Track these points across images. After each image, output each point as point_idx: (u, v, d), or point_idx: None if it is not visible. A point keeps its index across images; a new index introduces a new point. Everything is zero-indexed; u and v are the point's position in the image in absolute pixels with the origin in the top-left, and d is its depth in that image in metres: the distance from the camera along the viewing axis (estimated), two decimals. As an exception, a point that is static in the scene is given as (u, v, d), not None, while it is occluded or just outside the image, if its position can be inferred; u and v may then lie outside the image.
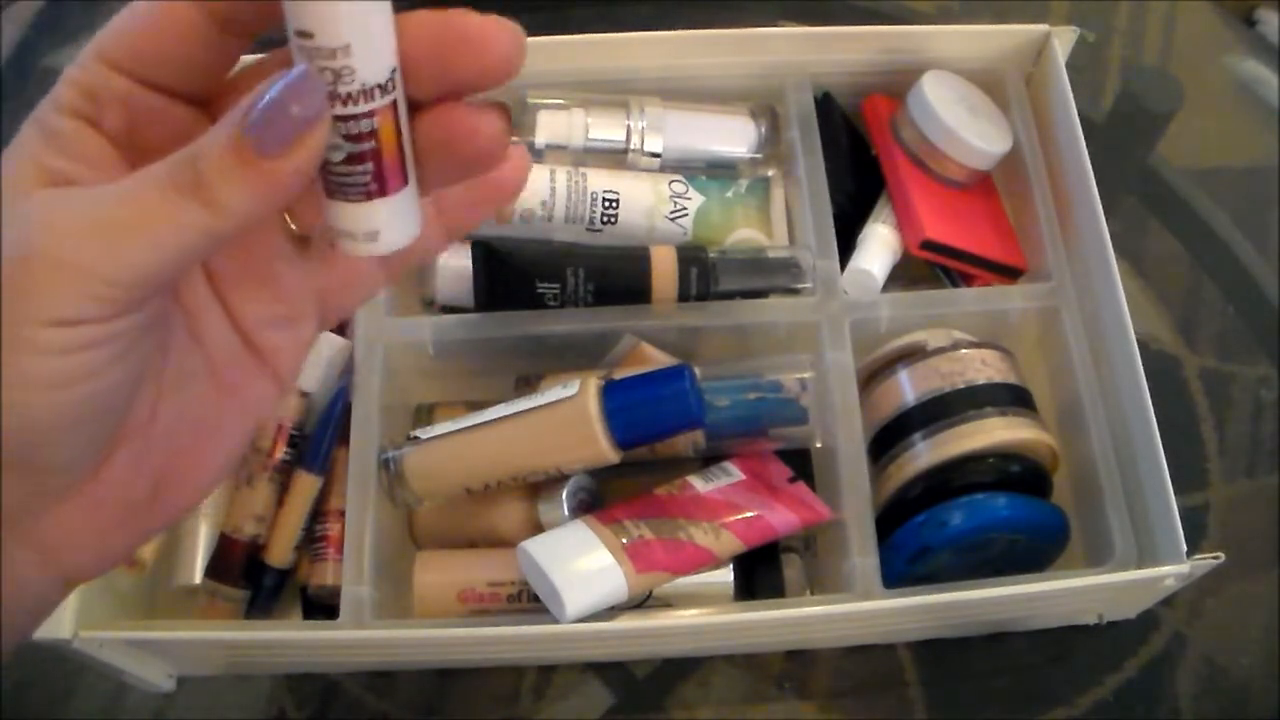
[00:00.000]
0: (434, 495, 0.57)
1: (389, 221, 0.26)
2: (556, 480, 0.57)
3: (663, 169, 0.65)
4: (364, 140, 0.25)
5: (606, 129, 0.64)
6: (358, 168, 0.25)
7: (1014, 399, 0.59)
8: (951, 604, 0.54)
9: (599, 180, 0.63)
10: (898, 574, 0.56)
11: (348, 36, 0.24)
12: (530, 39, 0.25)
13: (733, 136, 0.66)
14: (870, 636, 0.61)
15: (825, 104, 0.68)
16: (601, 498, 0.59)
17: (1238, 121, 0.81)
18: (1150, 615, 0.61)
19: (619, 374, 0.56)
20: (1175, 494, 0.54)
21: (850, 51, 0.68)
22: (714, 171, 0.66)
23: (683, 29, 0.66)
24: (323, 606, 0.59)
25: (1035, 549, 0.58)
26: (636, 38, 0.66)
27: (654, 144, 0.65)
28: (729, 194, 0.66)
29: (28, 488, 0.25)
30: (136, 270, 0.23)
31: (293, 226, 0.28)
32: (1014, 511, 0.56)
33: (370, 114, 0.25)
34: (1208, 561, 0.53)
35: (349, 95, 0.24)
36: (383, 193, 0.26)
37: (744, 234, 0.65)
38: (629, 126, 0.65)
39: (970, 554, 0.57)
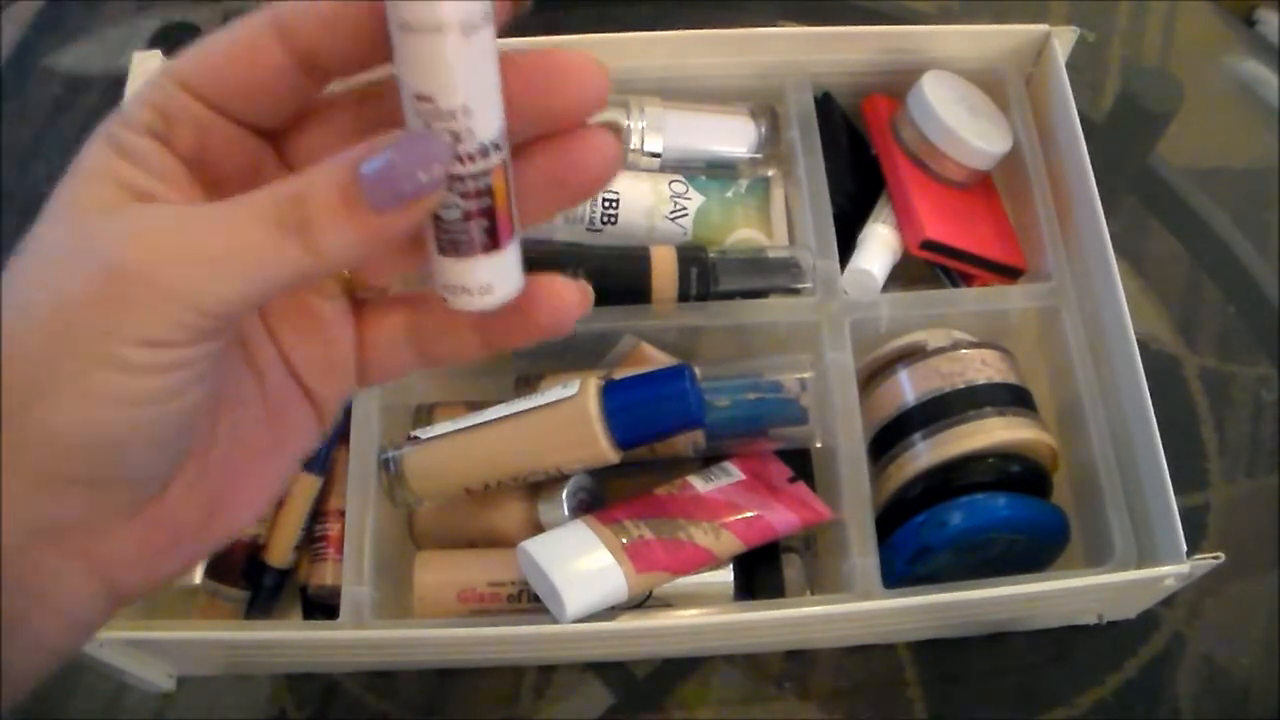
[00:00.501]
0: (434, 495, 0.57)
1: (500, 276, 0.27)
2: (556, 480, 0.57)
3: (663, 169, 0.65)
4: (478, 197, 0.26)
5: (606, 129, 0.64)
6: (473, 224, 0.26)
7: (1014, 399, 0.59)
8: (951, 604, 0.54)
9: (599, 180, 0.63)
10: (898, 574, 0.56)
11: (466, 99, 0.24)
12: (530, 39, 0.25)
13: (733, 136, 0.66)
14: (870, 636, 0.61)
15: (825, 104, 0.68)
16: (601, 498, 0.59)
17: (1238, 121, 0.81)
18: (1150, 615, 0.61)
19: (619, 374, 0.56)
20: (1175, 494, 0.54)
21: (850, 51, 0.68)
22: (714, 171, 0.66)
23: (683, 29, 0.67)
24: (323, 606, 0.59)
25: (1035, 549, 0.58)
26: (636, 38, 0.66)
27: (654, 144, 0.65)
28: (729, 194, 0.66)
29: (98, 503, 0.25)
30: (228, 300, 0.24)
31: (347, 274, 0.29)
32: (1014, 511, 0.56)
33: (486, 172, 0.25)
34: (1208, 561, 0.53)
35: (467, 155, 0.25)
36: (496, 246, 0.26)
37: (744, 234, 0.65)
38: (629, 126, 0.65)
39: (970, 554, 0.57)
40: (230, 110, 0.26)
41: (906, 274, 0.66)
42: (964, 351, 0.60)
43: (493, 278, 0.27)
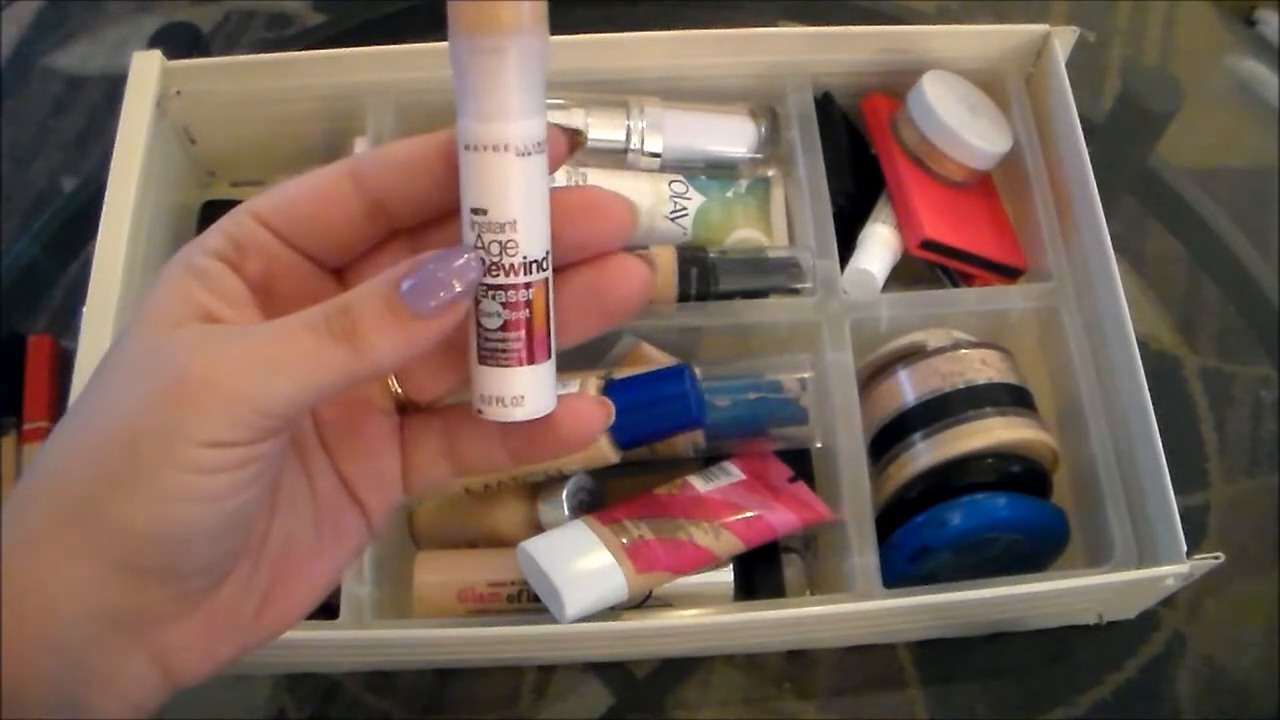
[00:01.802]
0: (434, 495, 0.57)
1: (533, 390, 0.29)
2: (556, 480, 0.57)
3: (663, 169, 0.65)
4: (519, 309, 0.28)
5: (606, 129, 0.64)
6: (511, 335, 0.28)
7: (1014, 399, 0.59)
8: (951, 604, 0.54)
9: (599, 180, 0.63)
10: (898, 574, 0.56)
11: (516, 213, 0.27)
12: None
13: (733, 136, 0.66)
14: (870, 636, 0.61)
15: (825, 104, 0.68)
16: (601, 498, 0.59)
17: (1238, 121, 0.81)
18: (1150, 615, 0.61)
19: (619, 374, 0.56)
20: (1175, 494, 0.54)
21: (850, 51, 0.68)
22: (714, 171, 0.66)
23: (683, 29, 0.66)
24: (323, 606, 0.59)
25: (1035, 549, 0.59)
26: (636, 38, 0.66)
27: (654, 144, 0.65)
28: (729, 194, 0.66)
29: (163, 593, 0.27)
30: (283, 401, 0.26)
31: (397, 390, 0.32)
32: (1014, 511, 0.56)
33: (528, 285, 0.28)
34: (1208, 561, 0.53)
35: (511, 266, 0.28)
36: (531, 360, 0.29)
37: (744, 234, 0.65)
38: (629, 126, 0.65)
39: (970, 554, 0.57)
40: (300, 244, 0.29)
41: (906, 274, 0.66)
42: (964, 351, 0.60)
43: (526, 391, 0.29)
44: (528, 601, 0.55)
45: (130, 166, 0.60)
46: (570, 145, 0.29)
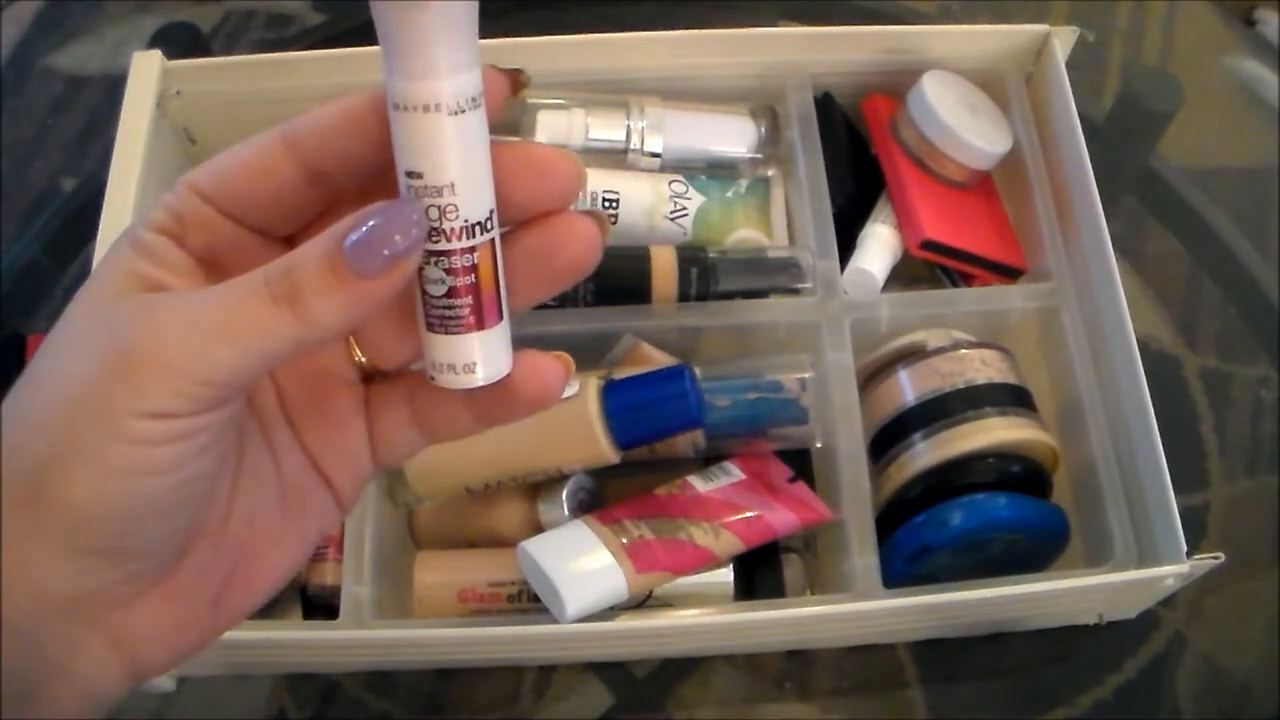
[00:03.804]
0: (434, 495, 0.57)
1: (485, 355, 0.28)
2: (556, 480, 0.57)
3: (663, 169, 0.65)
4: (464, 274, 0.27)
5: (606, 129, 0.64)
6: (458, 301, 0.27)
7: (1014, 399, 0.59)
8: (951, 604, 0.54)
9: (599, 180, 0.63)
10: (898, 574, 0.56)
11: (453, 176, 0.26)
12: (530, 39, 0.26)
13: (733, 136, 0.66)
14: (870, 636, 0.61)
15: (825, 104, 0.68)
16: (601, 498, 0.59)
17: (1238, 121, 0.81)
18: (1150, 615, 0.61)
19: (619, 374, 0.56)
20: (1175, 494, 0.54)
21: (850, 51, 0.68)
22: (714, 171, 0.66)
23: (683, 29, 0.66)
24: (323, 606, 0.59)
25: (1035, 549, 0.59)
26: (636, 38, 0.66)
27: (654, 144, 0.65)
28: (729, 194, 0.66)
29: (115, 574, 0.27)
30: (226, 370, 0.25)
31: (360, 358, 0.30)
32: (1014, 511, 0.56)
33: (472, 249, 0.27)
34: (1208, 561, 0.53)
35: (452, 231, 0.26)
36: (480, 326, 0.27)
37: (744, 234, 0.65)
38: (629, 126, 0.65)
39: (970, 554, 0.57)
40: (241, 217, 0.28)
41: (906, 274, 0.66)
42: (964, 351, 0.60)
43: (478, 356, 0.28)
44: (528, 601, 0.55)
45: (130, 166, 0.60)
46: (513, 86, 0.28)
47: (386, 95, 0.26)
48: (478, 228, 0.27)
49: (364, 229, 0.25)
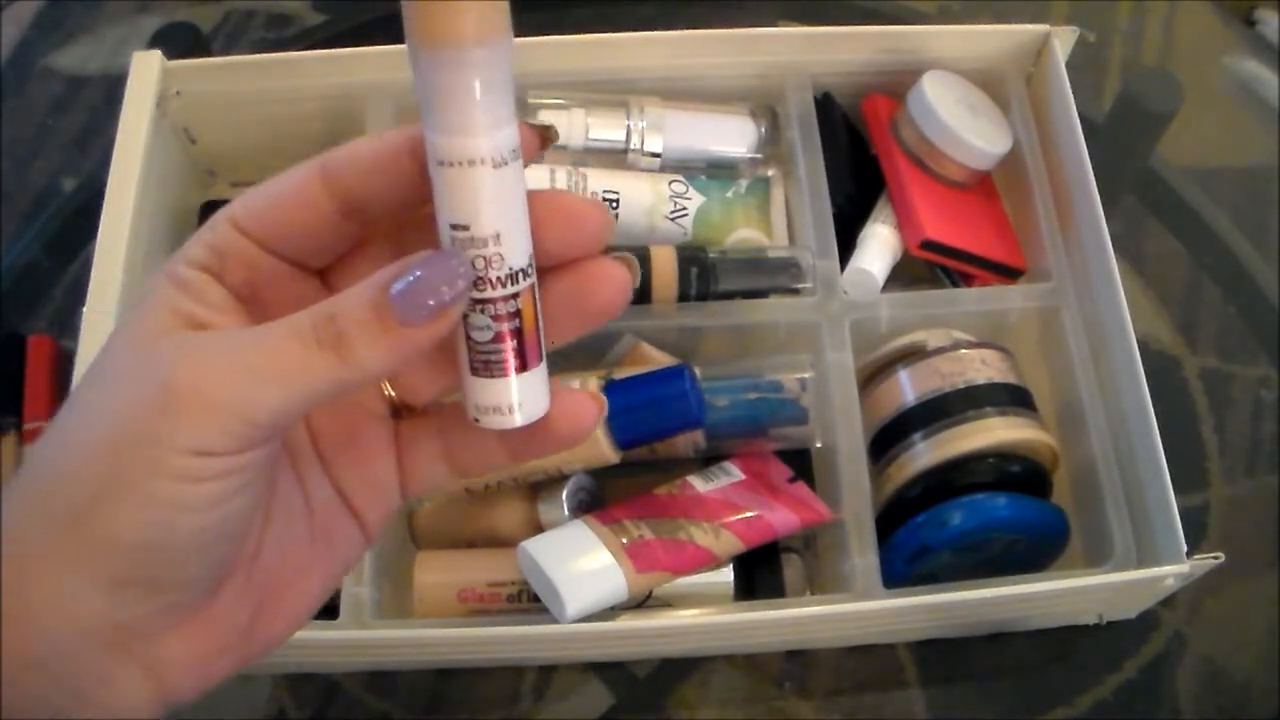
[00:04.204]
0: (434, 495, 0.57)
1: (526, 396, 0.29)
2: (556, 480, 0.57)
3: (663, 169, 0.65)
4: (508, 320, 0.28)
5: (606, 129, 0.64)
6: (502, 346, 0.28)
7: (1014, 399, 0.59)
8: (951, 604, 0.54)
9: (599, 180, 0.63)
10: (898, 574, 0.56)
11: (498, 227, 0.27)
12: (530, 39, 0.26)
13: (733, 136, 0.66)
14: (870, 636, 0.61)
15: (825, 104, 0.68)
16: (601, 498, 0.59)
17: (1238, 121, 0.81)
18: (1150, 615, 0.61)
19: (619, 374, 0.56)
20: (1175, 494, 0.54)
21: (850, 51, 0.68)
22: (714, 171, 0.66)
23: (683, 29, 0.66)
24: (324, 607, 0.59)
25: (1035, 549, 0.59)
26: (636, 38, 0.66)
27: (654, 144, 0.65)
28: (729, 194, 0.66)
29: (152, 606, 0.27)
30: (270, 411, 0.26)
31: (391, 394, 0.31)
32: (1014, 511, 0.56)
33: (515, 295, 0.28)
34: (1208, 561, 0.53)
35: (497, 279, 0.27)
36: (523, 369, 0.28)
37: (744, 234, 0.65)
38: (629, 126, 0.65)
39: (970, 554, 0.57)
40: (279, 250, 0.29)
41: (906, 274, 0.66)
42: (964, 351, 0.60)
43: (522, 397, 0.29)
44: (528, 601, 0.55)
45: (130, 166, 0.60)
46: (542, 143, 0.29)
47: (427, 149, 0.27)
48: (520, 274, 0.27)
49: (410, 279, 0.26)
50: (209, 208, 0.68)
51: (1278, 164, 0.77)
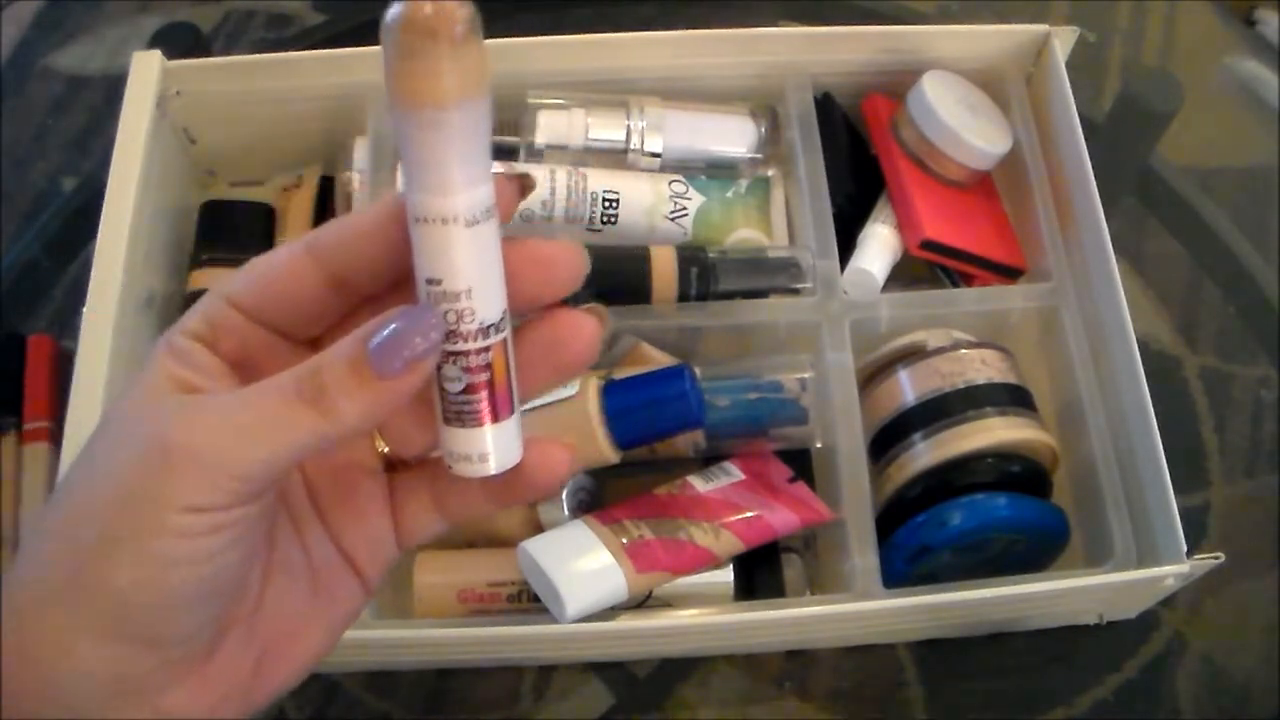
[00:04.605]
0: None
1: (498, 446, 0.30)
2: (556, 480, 0.57)
3: (663, 169, 0.65)
4: (480, 372, 0.29)
5: (606, 129, 0.64)
6: (474, 397, 0.29)
7: (1014, 399, 0.59)
8: (951, 604, 0.54)
9: (599, 180, 0.63)
10: (898, 574, 0.56)
11: (470, 282, 0.28)
12: (530, 39, 0.26)
13: (733, 136, 0.66)
14: (870, 636, 0.61)
15: (825, 104, 0.68)
16: (601, 498, 0.59)
17: (1238, 121, 0.81)
18: (1150, 615, 0.61)
19: (619, 374, 0.56)
20: (1175, 494, 0.54)
21: (850, 51, 0.68)
22: (714, 171, 0.66)
23: (683, 29, 0.66)
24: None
25: (1035, 549, 0.59)
26: (636, 38, 0.66)
27: (654, 144, 0.65)
28: (729, 194, 0.66)
29: (155, 660, 0.28)
30: (260, 466, 0.27)
31: (384, 449, 0.32)
32: (1014, 511, 0.56)
33: (486, 349, 0.29)
34: (1208, 561, 0.53)
35: (469, 333, 0.28)
36: (494, 419, 0.29)
37: (744, 234, 0.65)
38: (629, 126, 0.65)
39: (970, 554, 0.57)
40: (270, 322, 0.30)
41: (906, 274, 0.66)
42: (964, 351, 0.60)
43: (493, 447, 0.30)
44: (528, 601, 0.55)
45: (130, 166, 0.60)
46: (521, 192, 0.30)
47: (407, 208, 0.28)
48: (492, 328, 0.29)
49: (385, 333, 0.27)
50: (209, 208, 0.68)
51: (1278, 164, 0.77)
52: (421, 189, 0.27)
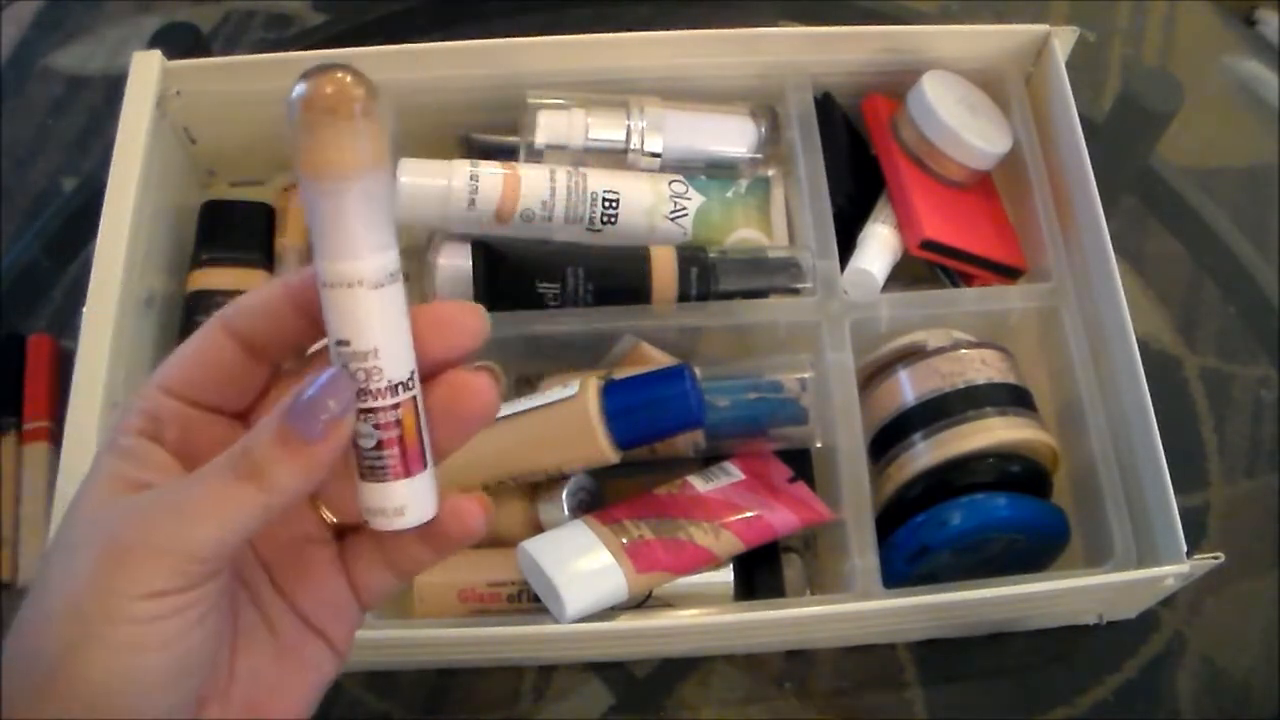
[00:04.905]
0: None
1: (411, 500, 0.31)
2: (556, 480, 0.57)
3: (663, 169, 0.65)
4: (390, 429, 0.30)
5: (606, 129, 0.64)
6: (385, 452, 0.30)
7: (1014, 399, 0.59)
8: (951, 604, 0.54)
9: (599, 180, 0.63)
10: (898, 574, 0.56)
11: (376, 342, 0.29)
12: (530, 39, 0.26)
13: (733, 136, 0.66)
14: (870, 636, 0.61)
15: (825, 104, 0.68)
16: (601, 498, 0.59)
17: (1238, 121, 0.81)
18: (1150, 615, 0.61)
19: (619, 374, 0.56)
20: (1175, 494, 0.54)
21: (850, 51, 0.68)
22: (714, 171, 0.66)
23: (683, 29, 0.66)
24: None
25: (1035, 549, 0.59)
26: (636, 38, 0.66)
27: (654, 144, 0.65)
28: (729, 194, 0.66)
29: None
30: (210, 545, 0.28)
31: (331, 519, 0.33)
32: (1014, 511, 0.56)
33: (395, 406, 0.30)
34: (1208, 561, 0.53)
35: (378, 390, 0.30)
36: (407, 474, 0.31)
37: (744, 234, 0.65)
38: (629, 126, 0.65)
39: (970, 554, 0.57)
40: (202, 401, 0.32)
41: (906, 274, 0.66)
42: (964, 351, 0.60)
43: (406, 502, 0.31)
44: (528, 601, 0.55)
45: (130, 166, 0.60)
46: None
47: (316, 274, 0.29)
48: (400, 386, 0.30)
49: (302, 400, 0.29)
50: (209, 208, 0.68)
51: (1278, 164, 0.77)
52: (329, 256, 0.29)
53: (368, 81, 0.28)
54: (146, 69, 0.63)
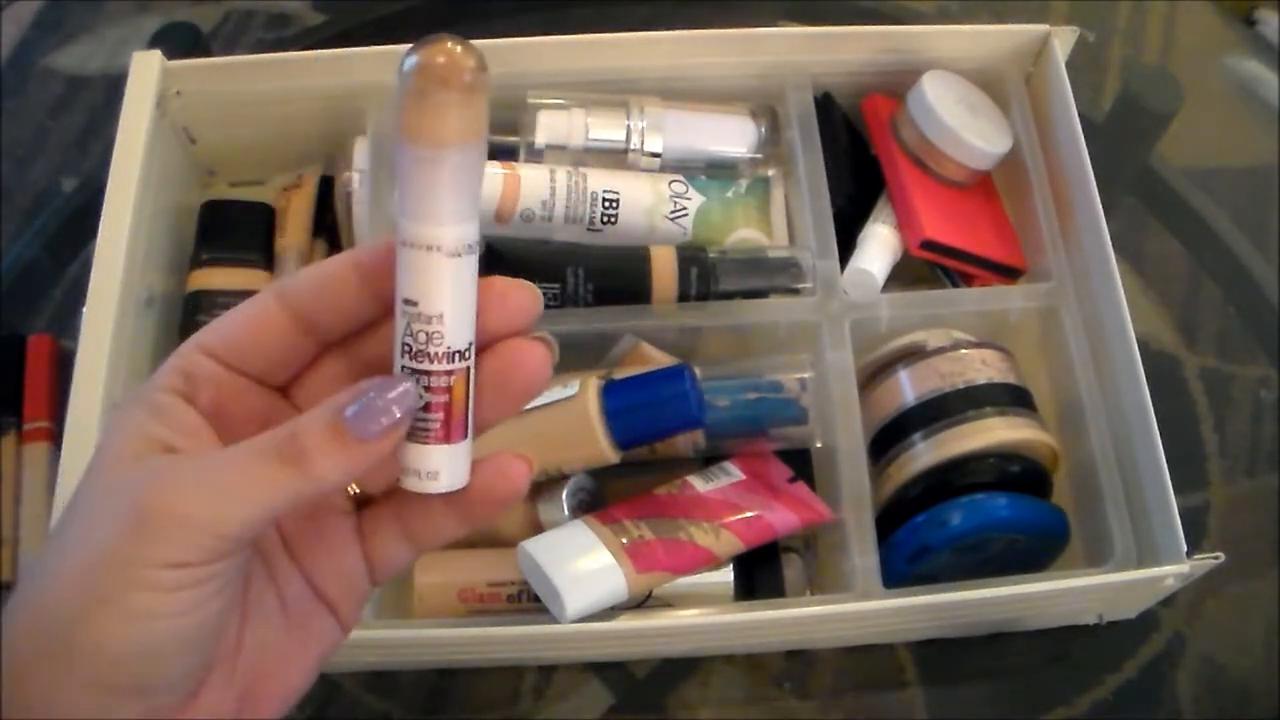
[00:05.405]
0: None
1: (447, 465, 0.31)
2: (556, 480, 0.57)
3: (663, 169, 0.65)
4: (440, 394, 0.30)
5: (606, 129, 0.64)
6: (431, 416, 0.30)
7: (1014, 399, 0.59)
8: (951, 604, 0.54)
9: (599, 180, 0.63)
10: (898, 574, 0.56)
11: (443, 308, 0.30)
12: (530, 39, 0.26)
13: (733, 136, 0.66)
14: (870, 636, 0.61)
15: (825, 104, 0.68)
16: (602, 498, 0.59)
17: (1238, 121, 0.81)
18: (1150, 615, 0.61)
19: (619, 374, 0.56)
20: (1175, 494, 0.54)
21: (850, 51, 0.68)
22: (714, 171, 0.66)
23: (683, 29, 0.66)
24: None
25: (1035, 549, 0.59)
26: (636, 38, 0.66)
27: (654, 144, 0.65)
28: (729, 194, 0.66)
29: (142, 706, 0.29)
30: (239, 524, 0.28)
31: (354, 489, 0.34)
32: (1014, 511, 0.56)
33: (450, 373, 0.30)
34: (1208, 561, 0.53)
35: (436, 355, 0.30)
36: (448, 439, 0.31)
37: (744, 234, 0.65)
38: (629, 126, 0.65)
39: (970, 554, 0.57)
40: (244, 368, 0.32)
41: (906, 274, 0.66)
42: (964, 351, 0.60)
43: (441, 467, 0.31)
44: (528, 601, 0.55)
45: (130, 166, 0.60)
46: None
47: (396, 230, 0.30)
48: (458, 355, 0.30)
49: (364, 401, 0.29)
50: (209, 208, 0.68)
51: (1278, 164, 0.77)
52: (411, 217, 0.29)
53: (479, 55, 0.28)
54: (146, 69, 0.63)
